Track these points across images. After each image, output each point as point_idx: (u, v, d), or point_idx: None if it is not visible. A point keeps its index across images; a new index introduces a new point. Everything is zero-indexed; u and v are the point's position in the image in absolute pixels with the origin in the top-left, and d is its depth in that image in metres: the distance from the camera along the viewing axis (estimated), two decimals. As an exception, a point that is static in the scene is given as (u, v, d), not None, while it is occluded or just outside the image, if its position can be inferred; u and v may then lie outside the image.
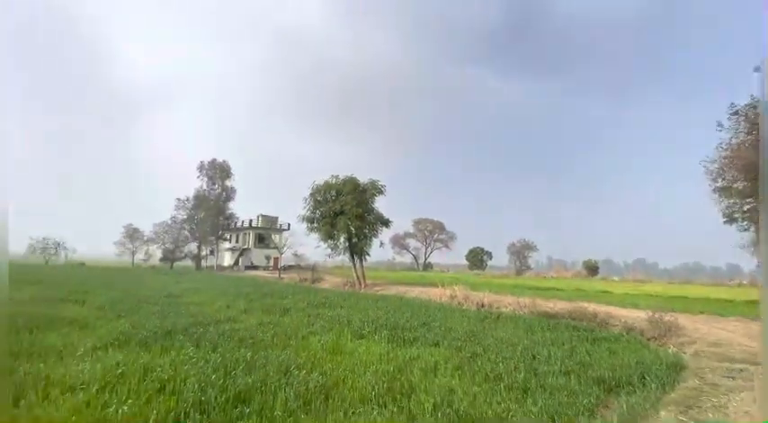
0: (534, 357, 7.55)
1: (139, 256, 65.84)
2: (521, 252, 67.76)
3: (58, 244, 60.94)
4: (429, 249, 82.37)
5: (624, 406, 5.04)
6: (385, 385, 5.35)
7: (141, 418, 3.96)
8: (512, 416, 4.73)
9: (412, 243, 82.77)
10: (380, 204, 27.64)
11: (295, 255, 47.23)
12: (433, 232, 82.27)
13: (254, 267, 54.56)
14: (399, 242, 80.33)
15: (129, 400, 4.31)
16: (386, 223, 27.49)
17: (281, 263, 46.86)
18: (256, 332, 8.85)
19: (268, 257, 56.46)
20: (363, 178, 27.15)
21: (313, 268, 36.11)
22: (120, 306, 12.37)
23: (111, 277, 27.75)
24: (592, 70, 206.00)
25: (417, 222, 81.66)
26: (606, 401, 5.48)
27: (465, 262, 74.26)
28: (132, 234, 64.98)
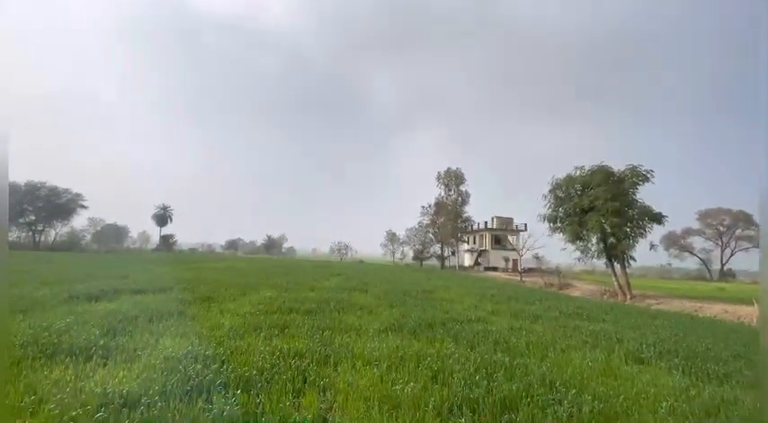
0: None
1: (397, 255, 79.98)
2: None
3: (347, 246, 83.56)
4: (728, 251, 59.64)
5: None
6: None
7: (422, 401, 4.45)
8: None
9: (698, 243, 62.31)
10: (647, 195, 22.07)
11: (536, 257, 44.66)
12: (731, 227, 59.45)
13: (494, 269, 55.17)
14: (677, 242, 62.07)
15: (411, 383, 4.94)
16: (656, 219, 21.60)
17: (521, 265, 45.26)
18: (509, 337, 8.63)
19: (506, 259, 55.91)
20: (619, 166, 22.52)
21: (558, 272, 32.90)
22: (391, 297, 14.99)
23: (380, 272, 34.53)
24: None
25: (705, 214, 60.93)
26: None
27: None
28: (392, 237, 79.84)
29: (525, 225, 54.25)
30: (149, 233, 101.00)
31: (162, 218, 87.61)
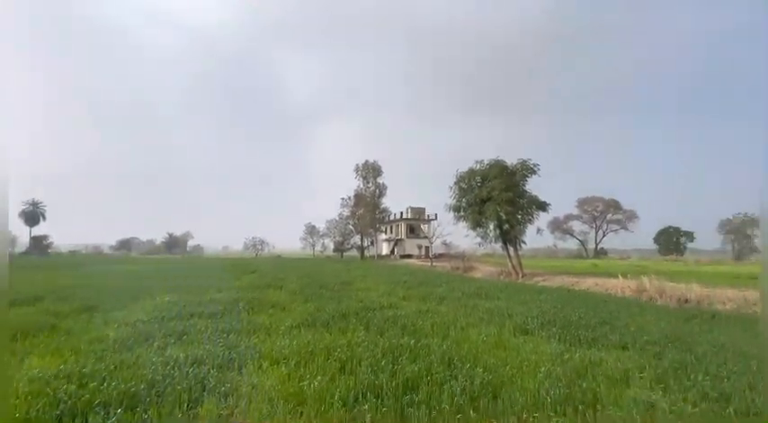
0: (784, 376, 5.47)
1: (318, 248, 78.84)
2: (740, 230, 51.34)
3: (263, 241, 79.28)
4: (600, 233, 71.23)
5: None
6: (562, 391, 4.70)
7: (328, 393, 4.50)
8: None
9: (577, 226, 73.12)
10: (535, 186, 25.17)
11: (444, 244, 48.07)
12: (604, 212, 70.83)
13: (408, 256, 57.79)
14: (561, 226, 72.06)
15: (319, 377, 4.96)
16: (542, 206, 24.85)
17: (432, 252, 48.26)
18: (416, 320, 9.17)
19: (420, 246, 59.03)
20: (514, 160, 25.26)
21: (463, 257, 35.82)
22: (307, 291, 14.77)
23: (299, 266, 33.76)
24: None
25: (583, 202, 71.59)
26: None
27: (653, 246, 61.13)
28: (311, 230, 78.30)
29: (436, 215, 57.82)
30: (15, 234, 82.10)
31: (32, 216, 72.88)
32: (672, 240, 58.12)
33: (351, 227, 68.63)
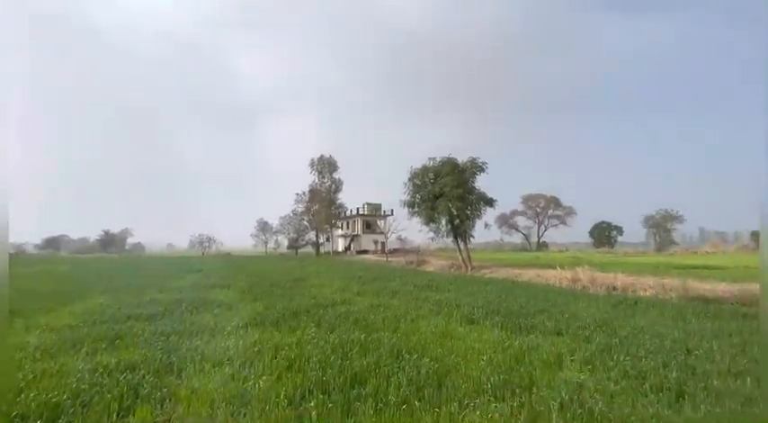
0: (690, 352, 6.22)
1: (271, 245, 76.37)
2: (661, 225, 57.34)
3: (210, 239, 75.07)
4: (542, 228, 75.97)
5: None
6: (502, 377, 4.98)
7: (274, 393, 4.40)
8: (663, 423, 3.91)
9: (522, 222, 77.42)
10: (484, 183, 26.32)
11: (399, 239, 48.83)
12: (546, 208, 75.53)
13: (365, 252, 57.92)
14: (507, 221, 75.89)
15: (264, 376, 4.84)
16: (489, 202, 26.09)
17: (388, 247, 48.79)
18: (368, 314, 9.24)
19: (376, 242, 59.36)
20: (464, 157, 26.20)
21: (417, 251, 36.62)
22: (257, 290, 14.30)
23: (249, 264, 32.57)
24: None
25: (527, 199, 75.78)
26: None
27: (588, 239, 66.38)
28: (263, 227, 75.56)
29: (392, 210, 58.50)
30: None
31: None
32: (604, 234, 63.49)
33: (305, 223, 67.31)
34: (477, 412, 4.07)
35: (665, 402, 4.35)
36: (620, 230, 63.74)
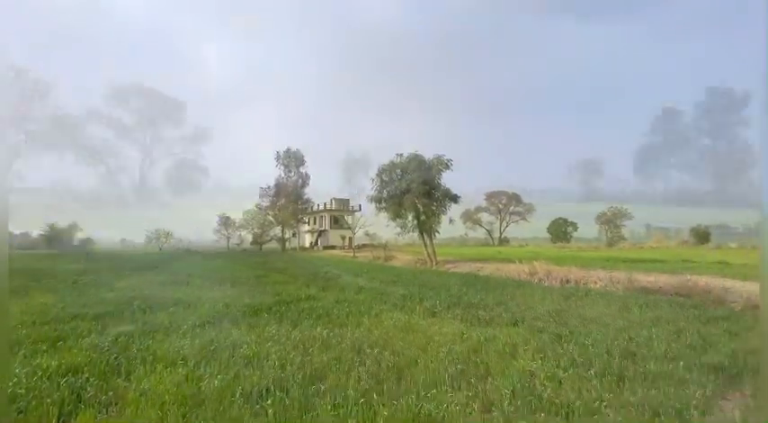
0: (631, 339, 6.71)
1: (234, 240, 73.80)
2: (612, 221, 61.19)
3: (168, 233, 71.45)
4: (504, 223, 78.73)
5: (750, 399, 4.19)
6: (459, 367, 5.14)
7: (229, 391, 4.30)
8: (605, 406, 4.21)
9: (485, 217, 79.77)
10: (450, 179, 26.88)
11: (367, 234, 48.93)
12: (507, 205, 78.22)
13: (332, 247, 57.57)
14: (471, 217, 77.96)
15: (220, 376, 4.71)
16: (454, 199, 26.71)
17: (355, 242, 48.76)
18: (332, 310, 9.21)
19: (343, 237, 59.11)
20: (430, 154, 26.62)
21: (385, 247, 36.85)
22: (217, 286, 13.82)
23: (210, 260, 31.41)
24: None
25: (490, 195, 78.20)
26: (725, 393, 4.62)
27: (547, 235, 69.63)
28: (226, 222, 72.84)
29: (360, 206, 58.47)
30: None
31: None
32: (561, 230, 66.87)
33: (271, 218, 65.73)
34: (434, 402, 4.18)
35: (606, 387, 4.68)
36: (575, 226, 67.36)
